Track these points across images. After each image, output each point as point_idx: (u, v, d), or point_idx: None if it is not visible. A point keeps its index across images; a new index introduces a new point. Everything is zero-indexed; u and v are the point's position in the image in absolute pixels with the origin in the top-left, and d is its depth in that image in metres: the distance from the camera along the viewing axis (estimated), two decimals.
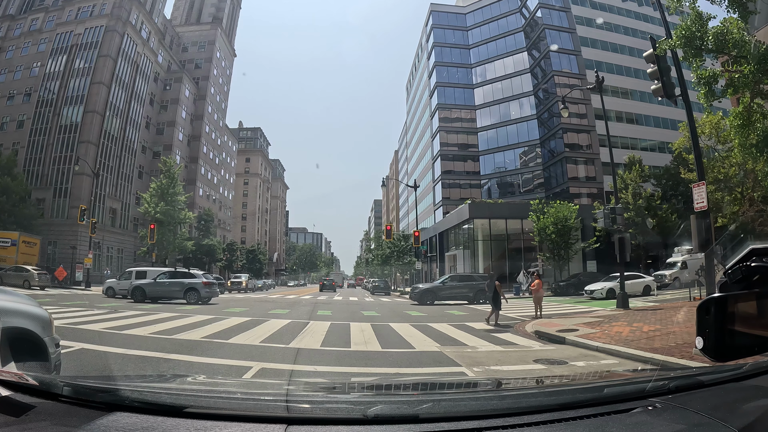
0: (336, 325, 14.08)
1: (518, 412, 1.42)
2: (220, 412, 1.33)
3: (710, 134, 28.49)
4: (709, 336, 1.28)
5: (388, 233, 42.84)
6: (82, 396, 1.39)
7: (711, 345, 1.28)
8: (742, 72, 11.36)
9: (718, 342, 1.28)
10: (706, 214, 9.21)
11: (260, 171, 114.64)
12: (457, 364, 7.97)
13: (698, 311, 1.32)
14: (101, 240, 47.62)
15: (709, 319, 1.29)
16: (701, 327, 1.30)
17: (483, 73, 68.59)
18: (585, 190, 56.01)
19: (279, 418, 1.29)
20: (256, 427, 1.23)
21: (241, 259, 75.13)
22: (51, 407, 1.35)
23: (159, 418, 1.26)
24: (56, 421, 1.27)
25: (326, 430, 1.24)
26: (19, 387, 1.42)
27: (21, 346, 3.06)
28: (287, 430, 1.21)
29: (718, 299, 1.29)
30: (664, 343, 8.97)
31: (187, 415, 1.28)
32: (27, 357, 3.08)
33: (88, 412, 1.29)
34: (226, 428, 1.21)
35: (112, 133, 52.63)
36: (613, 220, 18.38)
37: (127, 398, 1.36)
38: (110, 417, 1.25)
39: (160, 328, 11.90)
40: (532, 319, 15.33)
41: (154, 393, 1.51)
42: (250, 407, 1.42)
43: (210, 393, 1.70)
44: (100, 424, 1.21)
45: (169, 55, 69.11)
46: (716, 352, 1.28)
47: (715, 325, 1.28)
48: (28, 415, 1.29)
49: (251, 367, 7.23)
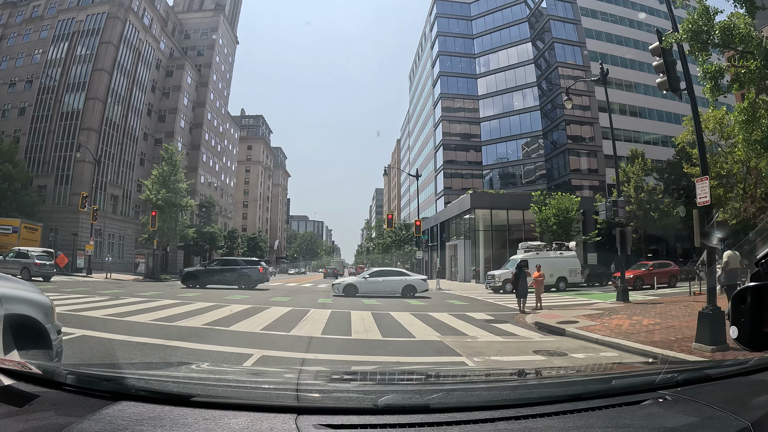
0: (336, 313, 14.13)
1: (530, 402, 1.42)
2: (228, 401, 1.30)
3: (714, 129, 28.34)
4: (745, 325, 1.26)
5: (389, 222, 42.84)
6: (86, 385, 1.37)
7: (747, 335, 1.26)
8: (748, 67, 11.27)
9: (755, 331, 1.25)
10: (708, 209, 9.18)
11: (262, 158, 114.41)
12: (458, 353, 8.01)
13: (733, 300, 1.29)
14: (102, 227, 47.61)
15: (745, 309, 1.26)
16: (736, 316, 1.27)
17: (487, 63, 68.16)
18: (587, 183, 55.84)
19: (289, 407, 1.27)
20: (266, 416, 1.21)
21: (242, 247, 75.14)
22: (55, 396, 1.33)
23: (166, 407, 1.24)
24: (60, 410, 1.25)
25: (337, 419, 1.22)
26: (21, 376, 1.40)
27: (23, 333, 3.05)
28: (298, 419, 1.19)
29: (754, 288, 1.25)
30: (664, 337, 9.01)
31: (195, 404, 1.26)
32: (29, 344, 3.08)
33: (92, 401, 1.27)
34: (235, 417, 1.19)
35: (114, 120, 52.40)
36: (615, 212, 18.36)
37: (132, 387, 1.34)
38: (116, 406, 1.23)
39: (162, 314, 11.96)
40: (533, 310, 15.39)
41: (160, 381, 1.49)
42: (259, 396, 1.39)
43: (218, 382, 1.67)
44: (106, 413, 1.19)
45: (172, 42, 68.66)
46: (752, 342, 1.26)
47: (752, 314, 1.25)
48: (32, 404, 1.27)
49: (252, 355, 7.27)
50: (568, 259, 29.22)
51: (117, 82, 52.93)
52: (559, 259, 28.77)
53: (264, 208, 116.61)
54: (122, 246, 52.89)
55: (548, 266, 26.29)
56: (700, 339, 7.72)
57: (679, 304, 14.76)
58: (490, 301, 20.14)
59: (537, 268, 17.49)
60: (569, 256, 29.38)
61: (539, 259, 26.57)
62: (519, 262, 17.80)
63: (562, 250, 29.74)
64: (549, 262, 27.03)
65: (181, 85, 66.24)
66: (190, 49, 74.62)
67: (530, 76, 63.47)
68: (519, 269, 16.15)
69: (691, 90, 9.74)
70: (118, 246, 52.38)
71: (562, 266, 28.56)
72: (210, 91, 74.77)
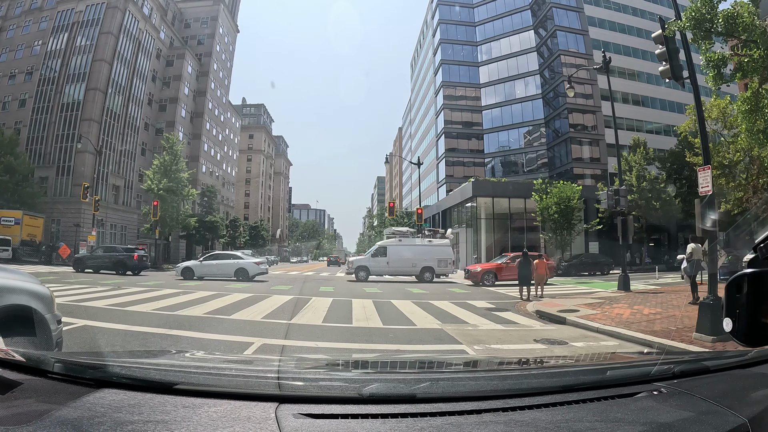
0: (338, 301, 14.16)
1: (519, 393, 1.38)
2: (210, 389, 1.29)
3: (717, 118, 28.15)
4: (740, 317, 1.13)
5: (390, 210, 42.74)
6: (70, 372, 1.36)
7: (742, 327, 1.13)
8: (751, 56, 11.20)
9: (751, 324, 1.13)
10: (710, 199, 9.15)
11: (263, 147, 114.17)
12: (458, 341, 8.02)
13: (727, 289, 1.17)
14: (104, 217, 47.68)
15: (741, 298, 1.14)
16: (730, 307, 1.15)
17: (489, 51, 67.70)
18: (589, 171, 55.72)
19: (270, 396, 1.25)
20: (246, 405, 1.19)
21: (244, 236, 75.23)
22: (38, 384, 1.32)
23: (147, 395, 1.23)
24: (42, 398, 1.24)
25: (319, 408, 1.20)
26: (6, 364, 1.39)
27: (22, 324, 3.06)
28: (278, 409, 1.17)
29: (751, 276, 1.12)
30: (664, 327, 9.01)
31: (177, 392, 1.25)
32: (28, 334, 3.08)
33: (75, 389, 1.26)
34: (215, 405, 1.18)
35: (115, 111, 52.25)
36: (617, 201, 18.30)
37: (115, 374, 1.33)
38: (97, 394, 1.22)
39: (163, 304, 12.00)
40: (534, 298, 15.42)
41: (142, 369, 1.47)
42: (240, 384, 1.38)
43: (200, 369, 1.64)
44: (87, 401, 1.18)
45: (172, 32, 68.26)
46: (748, 336, 1.13)
47: (748, 304, 1.13)
48: (14, 392, 1.26)
49: (252, 343, 7.30)
50: (438, 248, 27.16)
51: (117, 72, 52.74)
52: (426, 247, 26.93)
53: (266, 196, 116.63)
54: (124, 236, 52.97)
55: (410, 254, 26.06)
56: (700, 329, 7.71)
57: (680, 294, 14.77)
58: (492, 290, 20.17)
59: (540, 257, 17.53)
60: (440, 244, 27.44)
61: (399, 246, 26.58)
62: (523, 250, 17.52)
63: (433, 238, 28.13)
64: (412, 250, 26.38)
65: (181, 74, 65.98)
66: (191, 38, 74.21)
67: (532, 64, 63.08)
68: (524, 257, 16.19)
69: (693, 79, 9.66)
70: (120, 236, 52.47)
71: (429, 255, 26.50)
72: (211, 81, 74.49)
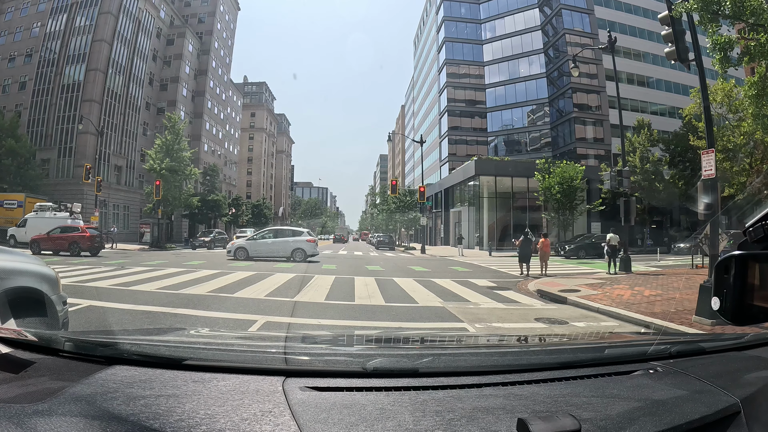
0: (340, 279, 14.28)
1: (519, 369, 1.41)
2: (218, 364, 1.32)
3: (722, 102, 27.89)
4: (727, 297, 1.16)
5: (393, 188, 42.68)
6: (81, 351, 1.39)
7: (729, 307, 1.16)
8: (758, 40, 11.06)
9: (737, 304, 1.16)
10: (713, 182, 9.12)
11: (265, 125, 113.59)
12: (459, 319, 8.09)
13: (716, 269, 1.21)
14: (107, 198, 47.60)
15: (728, 279, 1.17)
16: (719, 287, 1.18)
17: (493, 29, 66.86)
18: (592, 152, 55.49)
19: (277, 370, 1.28)
20: (254, 378, 1.22)
21: (246, 214, 75.19)
22: (51, 362, 1.35)
23: (158, 370, 1.25)
24: (55, 375, 1.27)
25: (324, 382, 1.22)
26: (19, 344, 1.43)
27: (28, 305, 3.10)
28: (285, 382, 1.21)
29: (739, 257, 1.16)
30: (664, 308, 9.05)
31: (186, 367, 1.27)
32: (36, 315, 3.13)
33: (87, 366, 1.28)
34: (224, 380, 1.21)
35: (116, 91, 51.88)
36: (620, 182, 18.26)
37: (126, 351, 1.36)
38: (109, 370, 1.24)
39: (167, 283, 12.10)
40: (536, 277, 15.49)
41: (152, 345, 1.51)
42: (248, 359, 1.42)
43: (208, 345, 1.69)
44: (99, 377, 1.20)
45: (172, 10, 67.42)
46: (734, 315, 1.16)
47: (734, 285, 1.16)
48: (27, 371, 1.29)
49: (256, 321, 7.40)
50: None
51: (117, 52, 52.22)
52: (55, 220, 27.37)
53: (268, 175, 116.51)
54: (127, 216, 53.07)
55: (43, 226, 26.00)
56: (700, 312, 7.72)
57: (680, 277, 14.85)
58: (494, 268, 20.25)
59: (543, 236, 17.71)
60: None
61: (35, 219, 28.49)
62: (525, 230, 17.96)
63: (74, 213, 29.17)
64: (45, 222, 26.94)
65: (182, 53, 65.36)
66: (191, 16, 73.40)
67: (537, 42, 62.36)
68: (525, 236, 16.42)
69: (699, 61, 9.56)
70: (123, 216, 52.58)
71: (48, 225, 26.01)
72: (212, 59, 73.85)
